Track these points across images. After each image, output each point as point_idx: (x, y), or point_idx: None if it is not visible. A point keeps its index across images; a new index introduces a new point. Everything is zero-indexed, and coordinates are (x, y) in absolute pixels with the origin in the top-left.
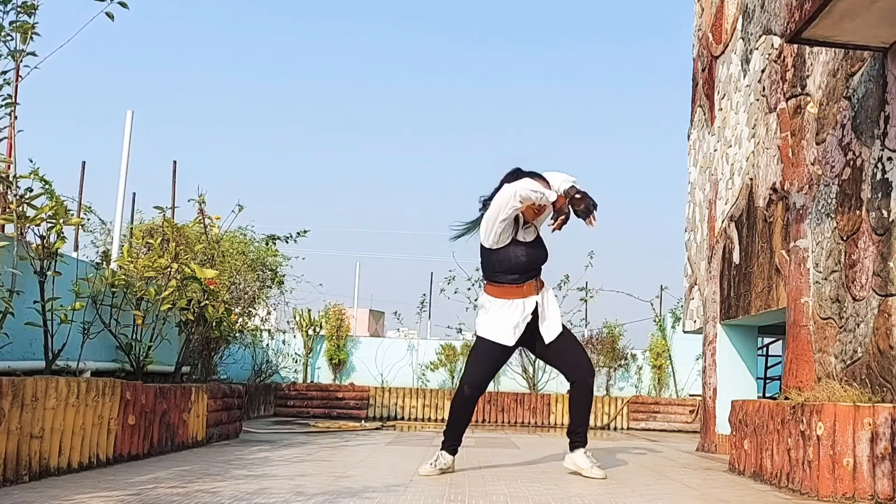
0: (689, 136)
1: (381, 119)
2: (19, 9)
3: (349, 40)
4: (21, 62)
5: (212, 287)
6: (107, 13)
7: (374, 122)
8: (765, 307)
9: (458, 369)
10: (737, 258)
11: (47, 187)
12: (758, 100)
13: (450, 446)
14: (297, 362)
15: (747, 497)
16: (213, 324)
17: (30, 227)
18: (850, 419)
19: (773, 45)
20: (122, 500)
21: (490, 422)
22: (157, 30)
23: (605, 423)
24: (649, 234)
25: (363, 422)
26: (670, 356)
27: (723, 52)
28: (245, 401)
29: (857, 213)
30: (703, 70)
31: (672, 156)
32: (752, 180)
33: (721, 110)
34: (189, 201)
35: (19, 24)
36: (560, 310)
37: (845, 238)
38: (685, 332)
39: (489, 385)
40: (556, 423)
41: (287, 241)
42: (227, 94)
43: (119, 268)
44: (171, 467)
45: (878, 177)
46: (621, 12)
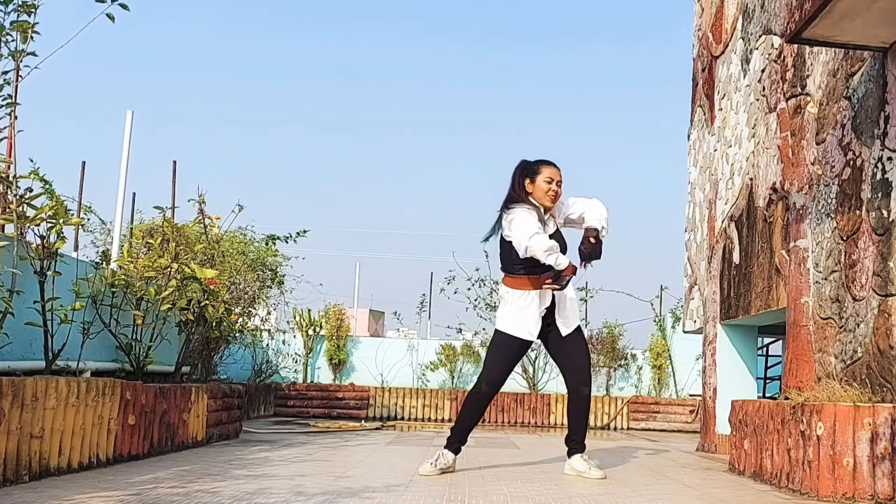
0: (689, 136)
1: (381, 119)
2: (19, 8)
3: (349, 40)
4: (21, 62)
5: (212, 287)
6: (107, 14)
7: (374, 122)
8: (765, 307)
9: (458, 369)
10: (737, 258)
11: (47, 187)
12: (758, 100)
13: (454, 445)
14: (297, 362)
15: (747, 497)
16: (213, 324)
17: (30, 227)
18: (850, 419)
19: (773, 45)
20: (122, 500)
21: (490, 422)
22: (157, 30)
23: (605, 423)
24: (649, 234)
25: (363, 422)
26: (670, 356)
27: (723, 52)
28: (245, 401)
29: (857, 213)
30: (703, 70)
31: (672, 156)
32: (752, 180)
33: (721, 110)
34: (189, 201)
35: (19, 24)
36: (576, 318)
37: (845, 238)
38: (685, 332)
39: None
40: (556, 423)
41: (287, 241)
42: (227, 94)
43: (119, 268)
44: (171, 467)
45: (878, 177)
46: (621, 12)
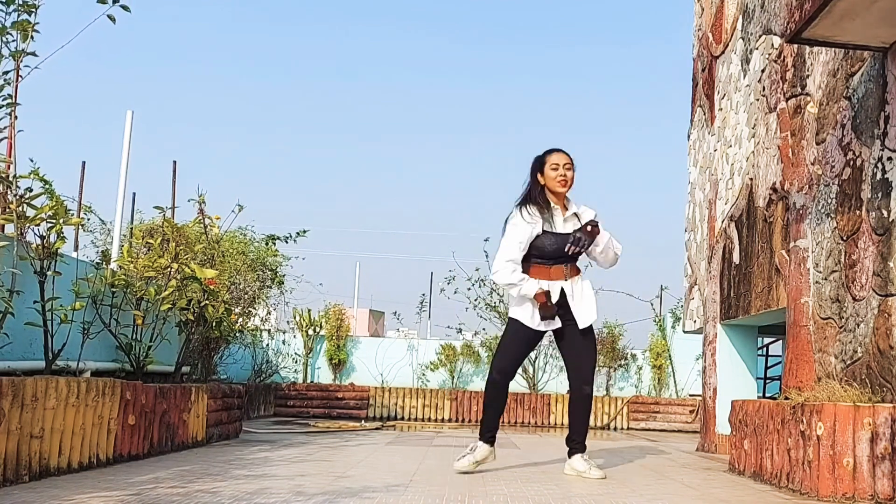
0: (689, 136)
1: (381, 119)
2: (20, 8)
3: (349, 40)
4: (21, 62)
5: (212, 287)
6: (108, 15)
7: (374, 122)
8: (765, 307)
9: (458, 369)
10: (737, 258)
11: (47, 187)
12: (758, 100)
13: (486, 435)
14: (297, 362)
15: (747, 497)
16: (213, 324)
17: (30, 227)
18: (850, 419)
19: (773, 45)
20: (122, 500)
21: None
22: (157, 30)
23: (605, 423)
24: (649, 234)
25: (363, 422)
26: (670, 356)
27: (723, 52)
28: (245, 401)
29: (857, 213)
30: (703, 70)
31: (672, 156)
32: (752, 180)
33: (721, 110)
34: (189, 201)
35: (20, 23)
36: (594, 314)
37: (845, 238)
38: (685, 332)
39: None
40: (556, 423)
41: (287, 241)
42: (227, 94)
43: (119, 268)
44: (171, 467)
45: (878, 177)
46: (621, 12)
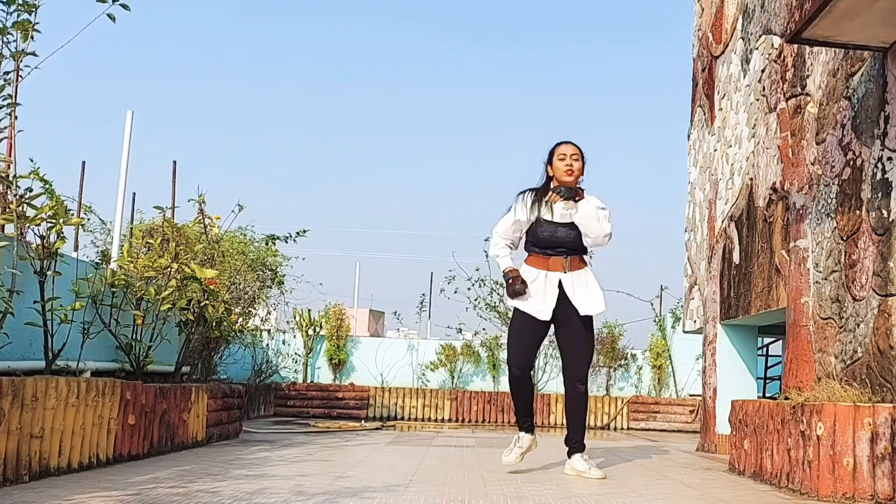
0: (689, 136)
1: (381, 119)
2: (20, 8)
3: (349, 40)
4: (21, 62)
5: (212, 287)
6: (108, 14)
7: (374, 122)
8: (765, 307)
9: (458, 369)
10: (737, 258)
11: (47, 187)
12: (758, 100)
13: (524, 425)
14: (297, 362)
15: (747, 497)
16: (213, 324)
17: (30, 227)
18: (850, 419)
19: (773, 44)
20: (122, 500)
21: (490, 422)
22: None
23: (605, 423)
24: (649, 234)
25: (363, 422)
26: (670, 356)
27: (723, 52)
28: (245, 401)
29: (857, 213)
30: (703, 70)
31: (672, 156)
32: (752, 180)
33: (721, 110)
34: (189, 201)
35: (20, 23)
36: (602, 301)
37: (845, 238)
38: (685, 332)
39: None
40: (555, 423)
41: (287, 241)
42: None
43: (119, 268)
44: (171, 467)
45: (878, 177)
46: (621, 12)
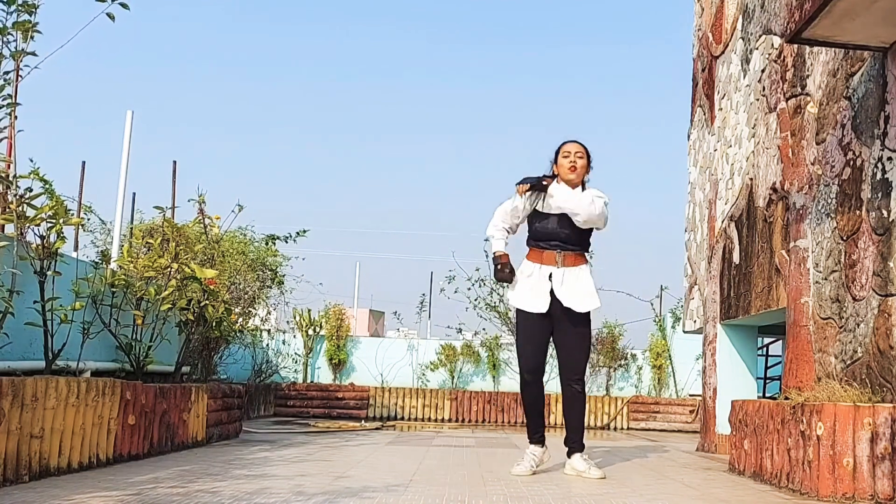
0: (689, 136)
1: (381, 119)
2: (20, 8)
3: (349, 40)
4: (21, 62)
5: (212, 287)
6: (107, 14)
7: (374, 122)
8: (765, 307)
9: (458, 369)
10: (737, 258)
11: (47, 187)
12: (758, 100)
13: (534, 437)
14: (297, 362)
15: (747, 497)
16: (213, 324)
17: (30, 227)
18: (850, 419)
19: (773, 44)
20: (122, 500)
21: (490, 422)
22: (157, 30)
23: (605, 423)
24: (649, 234)
25: (363, 422)
26: (670, 356)
27: (723, 52)
28: (245, 401)
29: (857, 213)
30: (703, 70)
31: (672, 156)
32: (752, 180)
33: (721, 110)
34: (189, 201)
35: (20, 23)
36: (594, 297)
37: (845, 238)
38: (685, 332)
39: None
40: (556, 423)
41: (287, 241)
42: (228, 94)
43: (119, 268)
44: (171, 467)
45: (878, 177)
46: (621, 12)
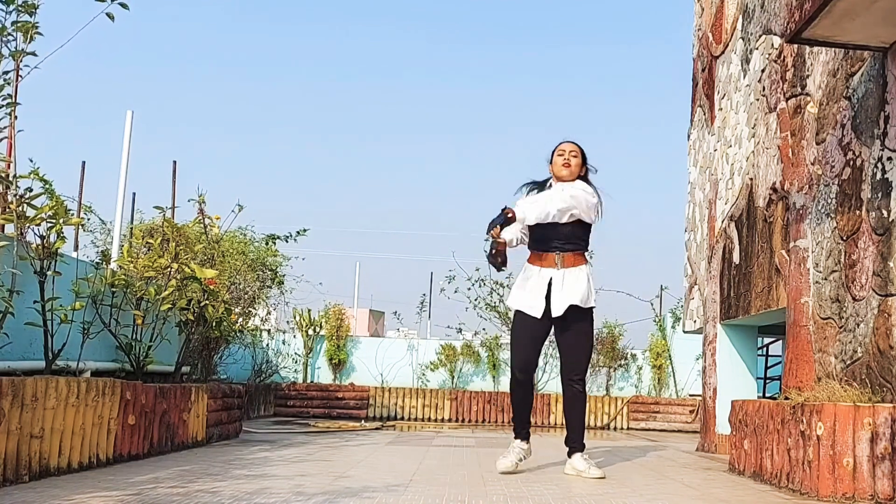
0: (689, 136)
1: (381, 119)
2: (20, 8)
3: (349, 40)
4: (21, 62)
5: (212, 287)
6: (107, 14)
7: (374, 122)
8: (765, 307)
9: (458, 369)
10: (737, 258)
11: (47, 187)
12: (758, 100)
13: (520, 433)
14: (297, 362)
15: (747, 497)
16: (213, 324)
17: (30, 227)
18: (850, 419)
19: (773, 44)
20: (122, 500)
21: (490, 422)
22: (157, 30)
23: (605, 423)
24: (649, 234)
25: (363, 422)
26: (670, 356)
27: (723, 52)
28: (245, 401)
29: (857, 213)
30: (703, 70)
31: (672, 156)
32: (752, 180)
33: (721, 110)
34: (189, 201)
35: (21, 24)
36: (587, 301)
37: (845, 238)
38: (685, 332)
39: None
40: (555, 423)
41: (287, 241)
42: (228, 94)
43: (119, 268)
44: (171, 467)
45: (878, 177)
46: (621, 12)
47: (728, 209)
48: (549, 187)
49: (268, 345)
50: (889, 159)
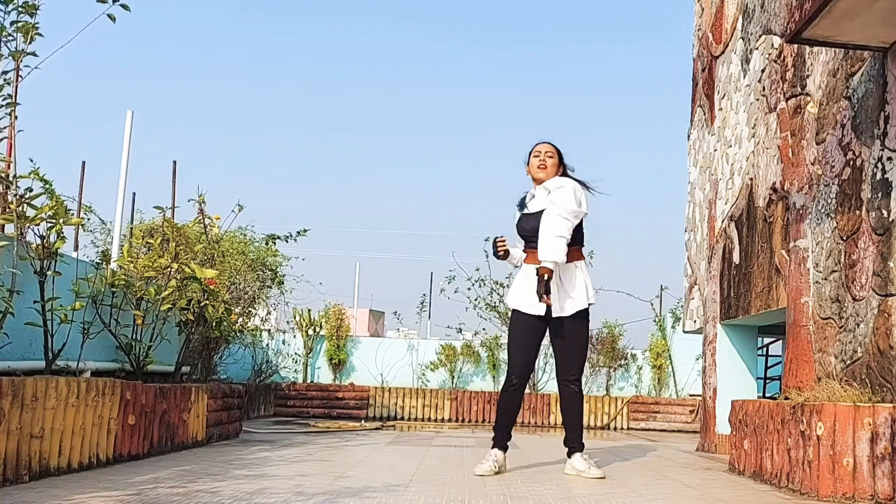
0: (689, 136)
1: (381, 119)
2: (20, 9)
3: (349, 40)
4: (21, 62)
5: (212, 287)
6: (108, 15)
7: (374, 121)
8: (765, 307)
9: (458, 369)
10: (737, 258)
11: (47, 187)
12: (758, 100)
13: (500, 442)
14: (297, 362)
15: (747, 497)
16: (213, 324)
17: (30, 227)
18: (850, 419)
19: (773, 44)
20: (122, 500)
21: (490, 422)
22: (157, 30)
23: (605, 423)
24: (649, 234)
25: (363, 422)
26: (670, 356)
27: (723, 52)
28: (245, 401)
29: (857, 213)
30: (703, 70)
31: (672, 156)
32: (752, 180)
33: (721, 110)
34: (189, 201)
35: (21, 25)
36: (584, 297)
37: (845, 238)
38: (685, 332)
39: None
40: (555, 424)
41: (287, 241)
42: (227, 93)
43: (119, 268)
44: (171, 467)
45: (878, 177)
46: (621, 12)
47: (728, 209)
48: (533, 198)
49: (268, 345)
50: (889, 159)
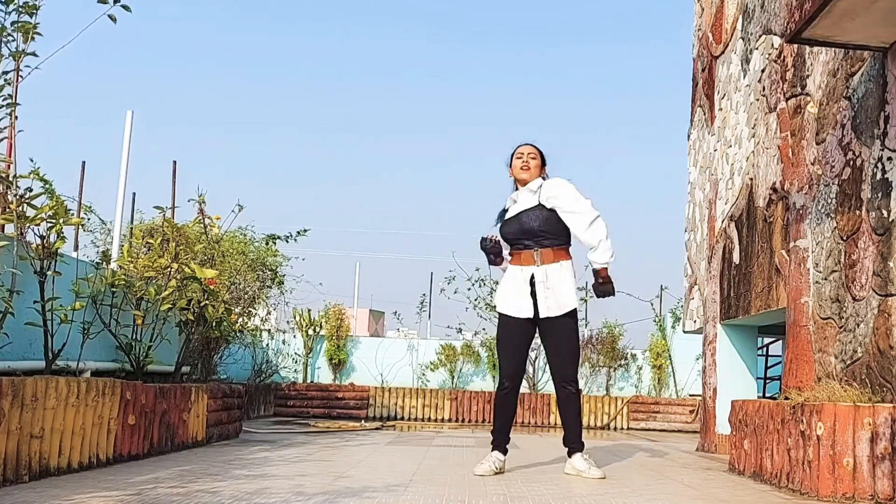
0: (689, 136)
1: (381, 119)
2: (20, 9)
3: (349, 40)
4: (21, 62)
5: (212, 287)
6: (109, 15)
7: (374, 122)
8: (765, 307)
9: (458, 369)
10: (737, 258)
11: (47, 187)
12: (758, 100)
13: (499, 445)
14: (297, 362)
15: (747, 497)
16: (213, 324)
17: (30, 227)
18: (850, 419)
19: (773, 44)
20: (122, 500)
21: (490, 422)
22: (158, 30)
23: (605, 423)
24: (649, 234)
25: (363, 422)
26: (670, 356)
27: (723, 52)
28: (245, 401)
29: (857, 213)
30: (703, 70)
31: (672, 156)
32: (752, 180)
33: (721, 110)
34: (189, 201)
35: (21, 25)
36: (572, 297)
37: (845, 238)
38: (685, 332)
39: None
40: (555, 424)
41: (287, 241)
42: (228, 93)
43: (119, 268)
44: (171, 467)
45: (878, 177)
46: (621, 12)
47: (728, 209)
48: (514, 202)
49: (268, 345)
50: (889, 159)
